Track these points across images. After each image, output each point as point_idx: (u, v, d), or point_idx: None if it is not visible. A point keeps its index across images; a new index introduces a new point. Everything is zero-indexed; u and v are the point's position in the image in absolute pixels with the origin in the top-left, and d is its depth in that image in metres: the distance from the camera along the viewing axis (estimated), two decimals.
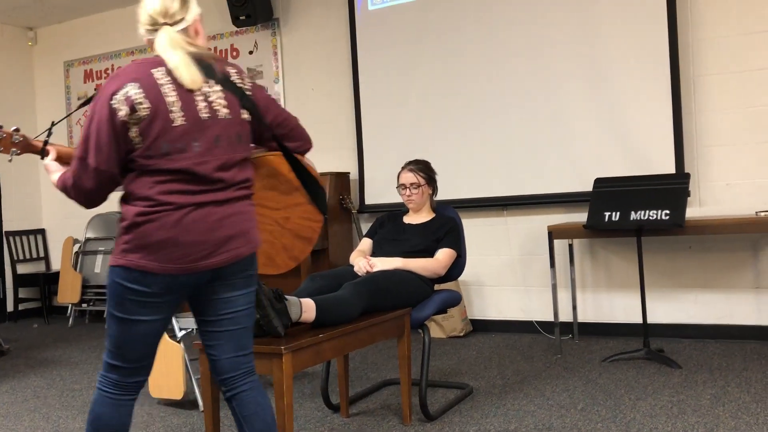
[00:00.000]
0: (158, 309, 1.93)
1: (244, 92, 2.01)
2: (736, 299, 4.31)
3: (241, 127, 2.00)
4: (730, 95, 4.29)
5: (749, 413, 2.92)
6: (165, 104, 1.88)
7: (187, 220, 1.88)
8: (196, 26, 2.05)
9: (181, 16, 1.99)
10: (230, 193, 1.96)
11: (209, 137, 1.93)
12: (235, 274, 1.98)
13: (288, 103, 5.80)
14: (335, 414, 3.23)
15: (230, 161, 1.96)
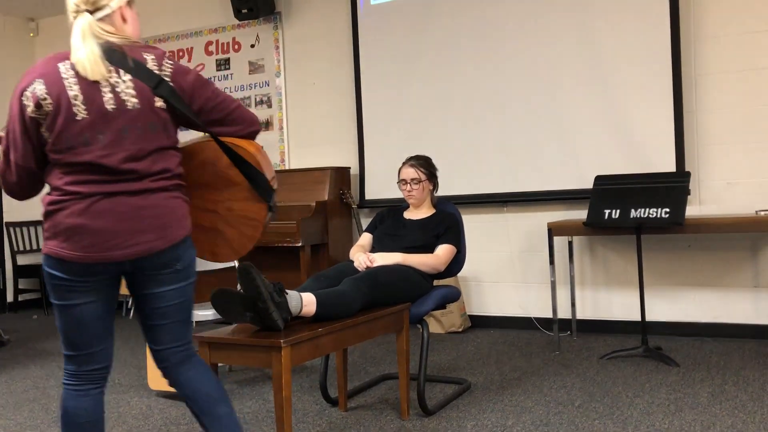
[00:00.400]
0: (85, 293, 1.93)
1: (161, 79, 1.94)
2: (735, 298, 4.31)
3: (154, 115, 1.94)
4: (732, 94, 4.29)
5: (746, 411, 2.93)
6: (67, 98, 1.87)
7: (96, 207, 1.88)
8: (123, 13, 2.01)
9: (105, 2, 1.96)
10: (146, 183, 1.93)
11: (115, 129, 1.91)
12: (158, 269, 1.97)
13: (289, 97, 5.80)
14: (333, 408, 3.24)
15: (142, 152, 1.93)
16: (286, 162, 5.83)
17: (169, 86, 1.95)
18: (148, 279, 1.98)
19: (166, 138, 1.98)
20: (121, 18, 2.01)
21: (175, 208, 1.99)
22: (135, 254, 1.92)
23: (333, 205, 5.19)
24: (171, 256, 1.98)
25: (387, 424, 2.97)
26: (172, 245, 1.97)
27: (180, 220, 2.00)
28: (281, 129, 5.84)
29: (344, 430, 2.93)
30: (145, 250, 1.93)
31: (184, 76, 1.98)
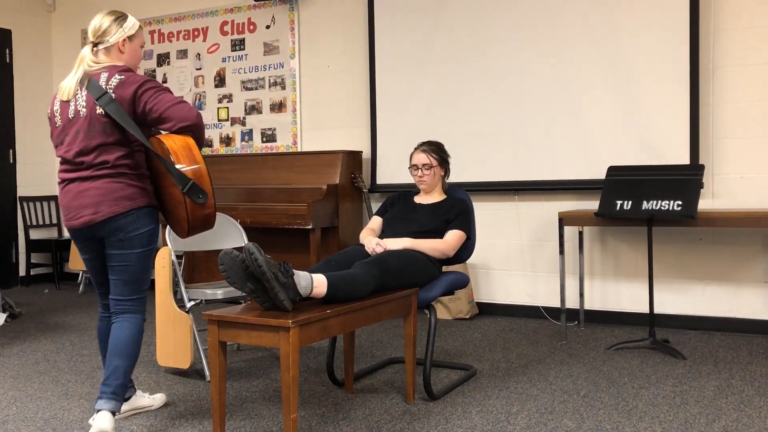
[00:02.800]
0: (83, 250, 2.73)
1: (104, 92, 2.54)
2: (745, 293, 4.30)
3: (96, 120, 2.57)
4: (750, 87, 4.24)
5: (752, 406, 2.92)
6: (53, 112, 2.68)
7: (64, 190, 2.65)
8: (121, 46, 2.68)
9: (106, 37, 2.66)
10: (91, 172, 2.59)
11: (73, 132, 2.61)
12: (108, 236, 2.62)
13: (303, 79, 5.79)
14: (339, 389, 3.27)
15: (87, 148, 2.58)
16: (298, 144, 5.83)
17: (108, 97, 2.53)
18: (106, 243, 2.65)
19: (106, 137, 2.58)
20: (119, 50, 2.68)
21: (112, 191, 2.58)
22: (81, 224, 2.61)
23: (344, 188, 5.19)
24: (113, 226, 2.60)
25: (392, 408, 2.99)
26: (110, 218, 2.58)
27: (116, 200, 2.58)
28: (294, 111, 5.84)
29: (350, 411, 2.95)
30: (87, 221, 2.59)
31: (124, 88, 2.55)
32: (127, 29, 2.68)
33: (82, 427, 2.83)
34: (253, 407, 3.04)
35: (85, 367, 3.76)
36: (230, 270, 2.41)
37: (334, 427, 2.76)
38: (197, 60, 6.29)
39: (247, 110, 6.07)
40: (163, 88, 2.60)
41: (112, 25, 2.65)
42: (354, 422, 2.82)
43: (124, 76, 2.56)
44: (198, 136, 2.60)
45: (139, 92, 2.54)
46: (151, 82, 2.59)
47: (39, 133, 7.06)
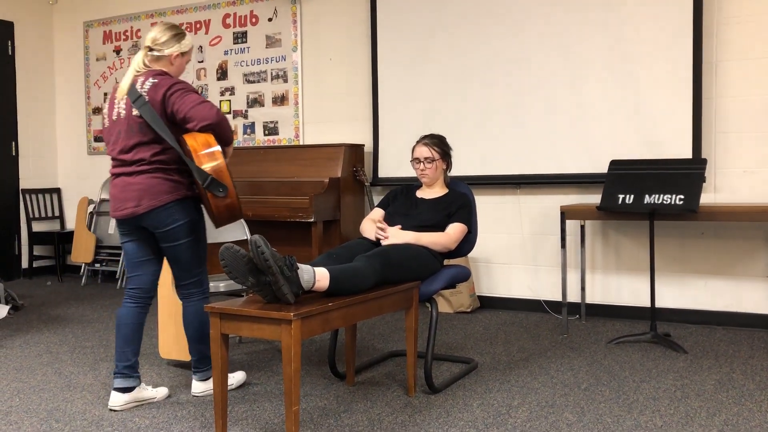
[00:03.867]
0: (127, 236, 2.97)
1: (139, 95, 2.79)
2: (746, 287, 4.30)
3: (133, 121, 2.83)
4: (752, 81, 4.23)
5: (753, 400, 2.93)
6: (105, 111, 2.97)
7: (112, 183, 2.92)
8: (171, 59, 2.92)
9: (160, 48, 2.89)
10: (132, 168, 2.84)
11: (116, 131, 2.89)
12: (152, 230, 2.88)
13: (305, 72, 5.78)
14: (341, 382, 3.28)
15: (126, 146, 2.85)
16: (300, 137, 5.83)
17: (142, 100, 2.78)
18: (156, 237, 2.93)
19: (142, 136, 2.82)
20: (170, 62, 2.93)
21: (152, 186, 2.82)
22: (124, 215, 2.87)
23: (346, 181, 5.20)
24: (153, 219, 2.85)
25: (394, 400, 3.00)
26: (149, 210, 2.82)
27: (155, 195, 2.82)
28: (296, 104, 5.84)
29: (351, 404, 2.96)
30: (130, 213, 2.85)
31: (156, 91, 2.79)
32: (183, 47, 2.95)
33: (84, 418, 2.84)
34: (255, 399, 3.05)
35: (87, 359, 3.77)
36: (231, 265, 2.41)
37: (335, 420, 2.77)
38: (199, 53, 6.28)
39: (249, 103, 6.07)
40: (189, 90, 2.79)
41: (170, 39, 2.90)
42: (355, 415, 2.83)
43: (158, 80, 2.81)
44: (219, 133, 2.76)
45: (168, 94, 2.77)
46: (178, 84, 2.80)
47: (41, 125, 7.06)
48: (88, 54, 6.96)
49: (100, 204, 6.67)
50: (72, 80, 7.08)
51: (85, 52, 6.97)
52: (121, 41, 6.73)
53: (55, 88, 7.19)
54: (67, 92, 7.12)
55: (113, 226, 6.55)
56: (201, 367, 3.09)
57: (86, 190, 6.98)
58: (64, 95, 7.15)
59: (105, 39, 6.83)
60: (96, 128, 6.95)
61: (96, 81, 6.91)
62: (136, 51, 6.62)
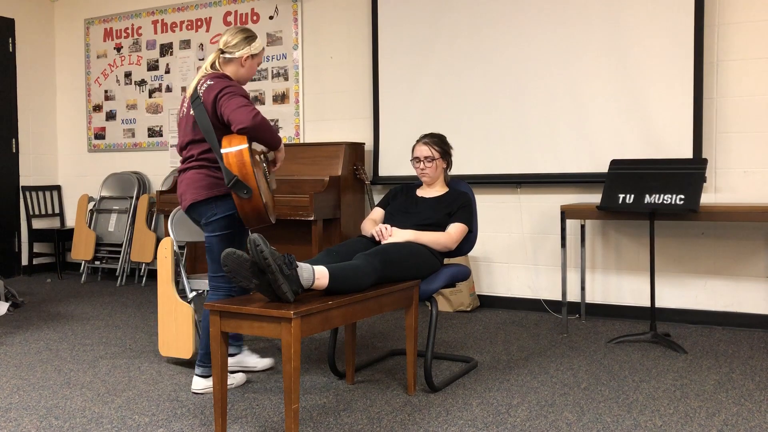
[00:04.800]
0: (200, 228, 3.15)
1: (196, 95, 2.97)
2: (746, 287, 4.30)
3: (189, 120, 3.03)
4: (754, 81, 4.23)
5: (752, 400, 2.93)
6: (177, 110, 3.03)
7: (177, 179, 3.15)
8: (243, 61, 3.07)
9: (231, 50, 3.06)
10: (185, 164, 3.07)
11: (180, 129, 3.11)
12: (196, 221, 3.10)
13: (306, 70, 5.78)
14: (341, 380, 3.28)
15: (183, 143, 3.07)
16: (300, 135, 5.83)
17: (198, 100, 2.95)
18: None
19: (194, 134, 3.01)
20: (240, 64, 3.07)
21: (195, 180, 3.00)
22: (182, 208, 3.10)
23: (346, 180, 5.19)
24: (195, 212, 3.05)
25: (393, 399, 3.00)
26: (192, 204, 3.02)
27: (197, 189, 2.99)
28: (297, 102, 5.83)
29: (351, 403, 2.96)
30: (183, 206, 3.09)
31: (209, 93, 2.92)
32: (253, 49, 3.08)
33: (84, 415, 2.84)
34: (255, 398, 3.05)
35: (87, 357, 3.77)
36: (235, 270, 2.42)
37: (335, 418, 2.77)
38: (200, 50, 6.28)
39: None
40: (236, 93, 2.87)
41: (241, 42, 3.04)
42: (355, 413, 2.83)
43: (213, 82, 2.94)
44: (256, 138, 2.86)
45: (218, 96, 2.88)
46: (229, 87, 2.88)
47: (42, 122, 7.06)
48: (89, 51, 6.95)
49: (100, 201, 6.67)
50: (73, 77, 7.08)
51: (86, 49, 6.96)
52: (122, 38, 6.72)
53: (55, 86, 7.19)
54: (68, 89, 7.12)
55: (113, 224, 6.55)
56: (207, 363, 3.10)
57: (86, 187, 6.98)
58: (64, 92, 7.15)
59: (106, 36, 6.83)
60: (96, 125, 6.95)
61: (97, 78, 6.91)
62: (137, 48, 6.63)
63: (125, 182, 6.60)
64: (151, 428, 2.69)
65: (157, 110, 6.54)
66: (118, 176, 6.67)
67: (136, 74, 6.66)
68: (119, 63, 6.76)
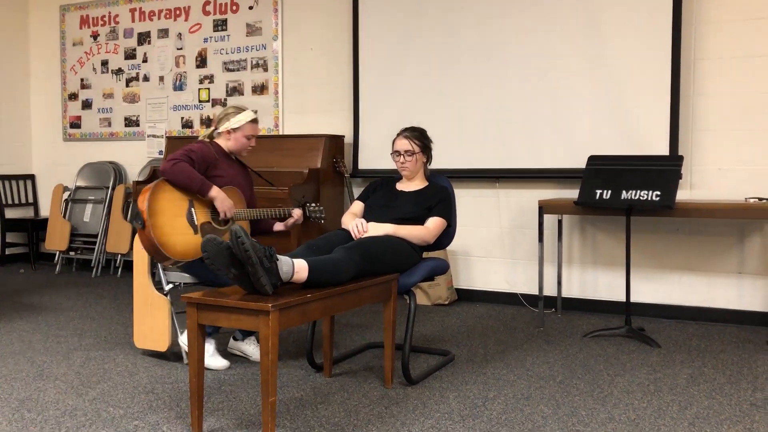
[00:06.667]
0: None
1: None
2: (719, 283, 4.37)
3: None
4: (730, 80, 4.29)
5: (723, 394, 2.98)
6: None
7: None
8: (226, 135, 3.53)
9: (217, 126, 3.55)
10: None
11: None
12: None
13: (286, 62, 5.74)
14: (318, 373, 3.28)
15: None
16: (280, 127, 5.80)
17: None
18: None
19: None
20: (225, 138, 3.54)
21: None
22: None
23: (326, 172, 5.18)
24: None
25: (371, 392, 3.01)
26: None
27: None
28: (276, 93, 5.80)
29: (328, 396, 2.96)
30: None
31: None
32: (233, 123, 3.49)
33: (57, 408, 2.81)
34: (231, 390, 3.04)
35: (61, 348, 3.73)
36: (214, 257, 2.40)
37: (312, 411, 2.77)
38: (178, 39, 6.21)
39: (229, 92, 6.02)
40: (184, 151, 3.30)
41: (223, 118, 3.51)
42: (332, 406, 2.83)
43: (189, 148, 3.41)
44: (171, 182, 3.23)
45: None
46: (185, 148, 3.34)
47: (15, 110, 6.94)
48: (64, 39, 6.84)
49: (75, 191, 6.58)
50: (47, 65, 6.96)
51: (62, 36, 6.85)
52: (99, 26, 6.63)
53: (29, 73, 7.07)
54: (43, 77, 7.00)
55: (89, 214, 6.47)
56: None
57: (61, 177, 6.88)
58: (39, 80, 7.03)
59: (82, 24, 6.72)
60: (72, 114, 6.85)
61: (72, 66, 6.80)
62: (114, 37, 6.53)
63: (101, 172, 6.52)
64: (126, 421, 2.67)
65: (134, 99, 6.47)
66: (94, 166, 6.59)
67: (113, 63, 6.58)
68: (96, 51, 6.67)
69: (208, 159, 3.40)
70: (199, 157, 3.34)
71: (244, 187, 3.58)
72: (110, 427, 2.61)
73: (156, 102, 6.36)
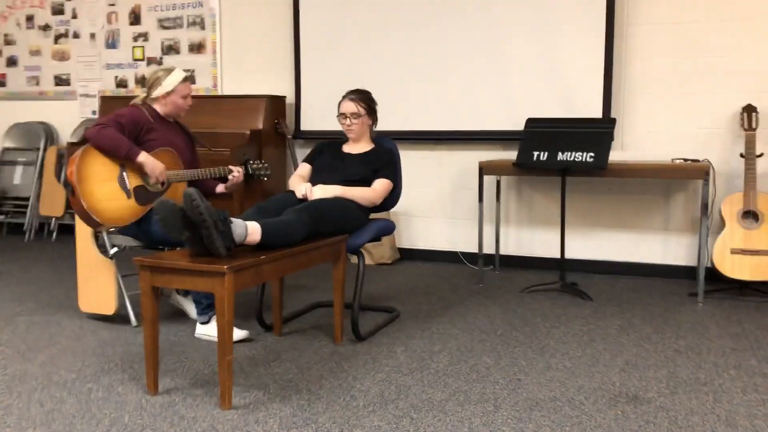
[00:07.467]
0: None
1: None
2: (647, 240, 4.63)
3: None
4: (660, 46, 4.48)
5: (650, 342, 3.21)
6: None
7: None
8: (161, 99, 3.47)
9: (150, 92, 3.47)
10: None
11: None
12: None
13: (223, 19, 5.63)
14: (268, 333, 3.34)
15: None
16: (218, 87, 5.71)
17: None
18: None
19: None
20: (161, 102, 3.46)
21: None
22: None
23: (267, 134, 5.16)
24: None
25: (321, 349, 3.10)
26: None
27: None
28: (214, 52, 5.69)
29: (280, 353, 3.04)
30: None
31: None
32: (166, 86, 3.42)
33: (6, 373, 2.79)
34: (183, 351, 3.08)
35: (1, 314, 3.66)
36: (167, 219, 2.41)
37: (265, 369, 2.85)
38: None
39: (165, 50, 5.87)
40: (112, 116, 3.28)
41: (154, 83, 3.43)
42: (285, 363, 2.91)
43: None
44: (97, 147, 3.21)
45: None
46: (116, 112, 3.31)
47: None
48: None
49: (3, 153, 6.33)
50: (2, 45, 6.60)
51: None
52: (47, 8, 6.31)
53: None
54: None
55: (18, 177, 6.25)
56: (204, 309, 3.27)
57: None
58: None
59: None
60: None
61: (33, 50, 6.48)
62: None
63: (31, 133, 6.29)
64: (79, 383, 2.68)
65: (64, 57, 6.23)
66: (22, 126, 6.34)
67: (39, 18, 6.29)
68: (20, 5, 6.36)
69: (139, 123, 3.33)
70: (129, 121, 3.28)
71: (182, 149, 3.50)
72: (63, 390, 2.62)
73: (87, 60, 6.14)
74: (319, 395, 2.56)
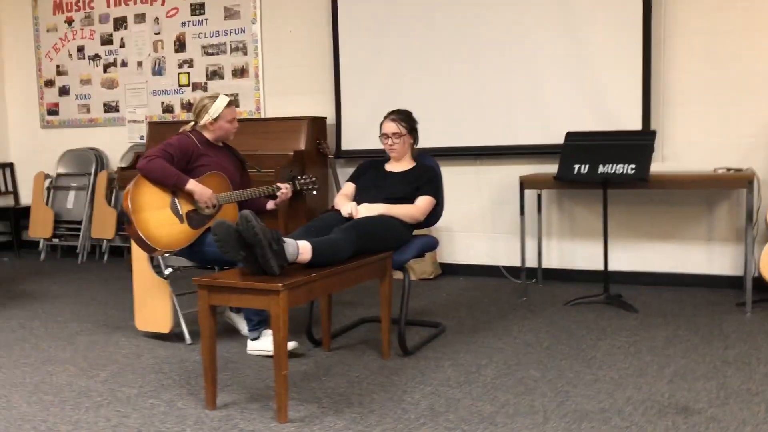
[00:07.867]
0: None
1: None
2: (690, 250, 4.61)
3: None
4: (697, 56, 4.48)
5: (697, 353, 3.21)
6: None
7: None
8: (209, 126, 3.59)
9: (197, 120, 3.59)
10: None
11: None
12: None
13: (265, 44, 5.80)
14: (318, 348, 3.43)
15: None
16: (261, 110, 5.88)
17: None
18: None
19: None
20: (208, 129, 3.59)
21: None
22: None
23: (310, 154, 5.29)
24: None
25: (370, 363, 3.18)
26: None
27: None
28: (257, 77, 5.86)
29: (330, 368, 3.12)
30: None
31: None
32: (212, 114, 3.54)
33: (72, 389, 2.93)
34: (236, 367, 3.18)
35: (62, 333, 3.83)
36: (224, 240, 2.52)
37: (317, 383, 2.93)
38: (155, 24, 6.22)
39: (209, 75, 6.06)
40: (161, 146, 3.40)
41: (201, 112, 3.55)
42: (336, 378, 2.99)
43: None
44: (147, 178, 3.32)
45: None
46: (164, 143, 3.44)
47: None
48: (37, 25, 6.79)
49: (57, 178, 6.59)
50: (21, 51, 6.91)
51: (35, 23, 6.80)
52: (73, 12, 6.59)
53: (3, 60, 7.01)
54: (17, 64, 6.95)
55: (71, 201, 6.50)
56: (255, 326, 3.37)
57: (41, 164, 6.86)
58: (13, 67, 6.98)
59: (55, 9, 6.68)
60: (49, 101, 6.82)
61: (48, 53, 6.77)
62: (89, 22, 6.51)
63: (82, 159, 6.53)
64: (141, 399, 2.80)
65: (113, 85, 6.47)
66: (74, 153, 6.60)
67: (89, 49, 6.56)
68: (71, 37, 6.64)
69: (188, 151, 3.44)
70: (177, 150, 3.40)
71: (231, 171, 3.61)
72: (127, 405, 2.74)
73: (135, 87, 6.37)
74: (371, 408, 2.64)
